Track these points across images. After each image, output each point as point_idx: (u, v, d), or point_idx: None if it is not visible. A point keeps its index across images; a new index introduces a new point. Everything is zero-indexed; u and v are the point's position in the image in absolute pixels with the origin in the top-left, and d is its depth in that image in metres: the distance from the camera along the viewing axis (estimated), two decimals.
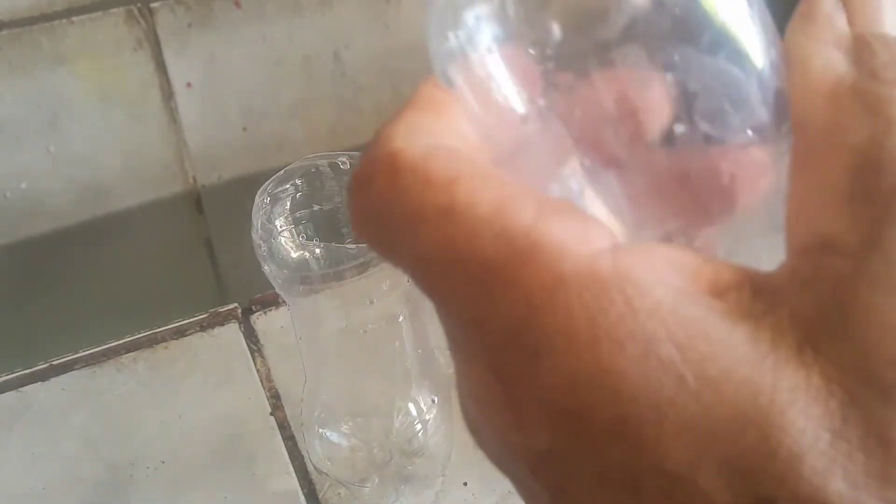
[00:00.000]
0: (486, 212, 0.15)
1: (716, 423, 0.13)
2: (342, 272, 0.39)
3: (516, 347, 0.15)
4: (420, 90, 0.18)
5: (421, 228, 0.15)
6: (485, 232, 0.15)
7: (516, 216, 0.15)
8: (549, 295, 0.14)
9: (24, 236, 0.82)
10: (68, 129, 0.79)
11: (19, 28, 0.74)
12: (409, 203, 0.16)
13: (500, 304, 0.15)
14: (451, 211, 0.15)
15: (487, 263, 0.15)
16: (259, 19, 0.83)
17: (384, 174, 0.16)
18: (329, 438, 0.47)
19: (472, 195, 0.15)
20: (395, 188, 0.16)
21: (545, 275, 0.14)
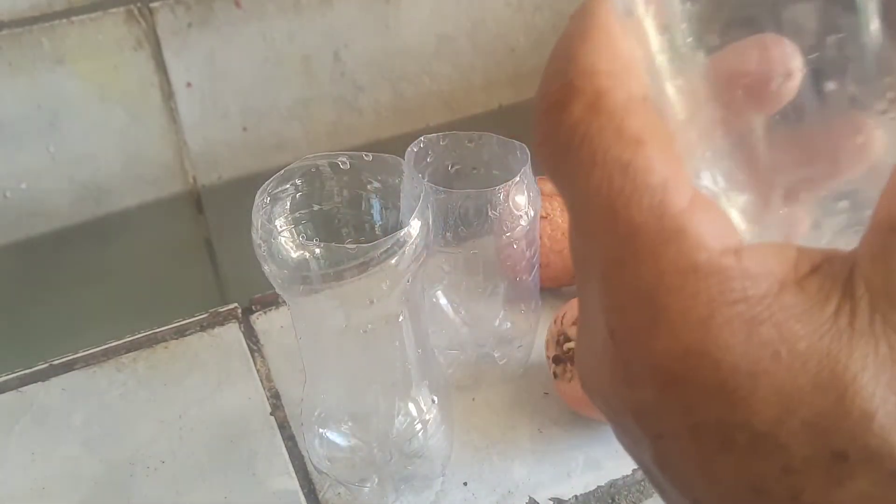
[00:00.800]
0: (654, 183, 0.17)
1: (801, 389, 0.15)
2: (342, 272, 0.39)
3: (636, 312, 0.17)
4: (594, 11, 0.19)
5: (596, 171, 0.17)
6: (646, 200, 0.17)
7: (675, 198, 0.17)
8: (681, 276, 0.16)
9: (24, 236, 0.82)
10: (68, 129, 0.79)
11: (19, 28, 0.74)
12: (597, 144, 0.17)
13: (632, 268, 0.17)
14: (628, 168, 0.17)
15: (636, 228, 0.17)
16: (259, 19, 0.83)
17: (585, 107, 0.18)
18: (329, 438, 0.47)
19: (649, 162, 0.17)
20: (589, 125, 0.17)
21: (682, 257, 0.16)
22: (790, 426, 0.15)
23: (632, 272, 0.17)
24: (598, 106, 0.17)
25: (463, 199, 0.48)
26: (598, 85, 0.18)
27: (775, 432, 0.16)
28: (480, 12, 0.93)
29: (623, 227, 0.17)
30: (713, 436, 0.16)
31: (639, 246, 0.17)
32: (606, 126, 0.17)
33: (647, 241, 0.17)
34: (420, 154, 0.50)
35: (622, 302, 0.17)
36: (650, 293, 0.17)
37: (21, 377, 0.58)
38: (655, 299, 0.16)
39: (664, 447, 0.17)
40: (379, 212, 0.45)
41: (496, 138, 0.51)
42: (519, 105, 1.01)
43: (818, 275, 0.16)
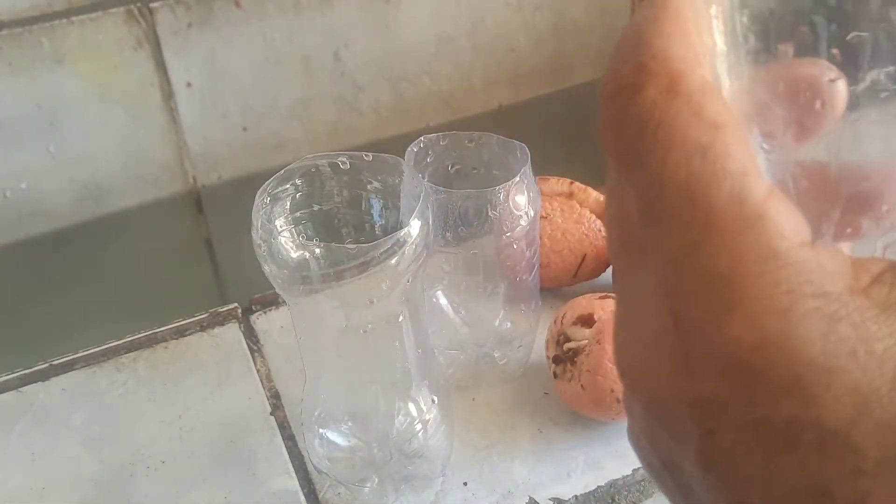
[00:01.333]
0: (734, 168, 0.16)
1: (877, 390, 0.15)
2: (342, 272, 0.39)
3: (709, 297, 0.16)
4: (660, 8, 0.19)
5: (673, 154, 0.17)
6: (726, 184, 0.16)
7: (755, 185, 0.16)
8: (762, 263, 0.16)
9: (24, 236, 0.82)
10: (68, 129, 0.79)
11: (19, 28, 0.74)
12: (675, 126, 0.17)
13: (709, 252, 0.16)
14: (707, 151, 0.17)
15: (716, 212, 0.16)
16: (259, 19, 0.83)
17: (660, 90, 0.17)
18: (329, 438, 0.47)
19: (728, 147, 0.17)
20: (666, 107, 0.17)
21: (763, 244, 0.16)
22: (864, 427, 0.15)
23: (708, 256, 0.16)
24: (674, 89, 0.17)
25: (463, 199, 0.48)
26: (674, 68, 0.17)
27: (847, 432, 0.15)
28: (480, 12, 0.93)
29: (701, 211, 0.16)
30: (779, 432, 0.16)
31: (718, 230, 0.16)
32: (684, 109, 0.17)
33: (726, 225, 0.16)
34: (420, 154, 0.50)
35: (694, 286, 0.16)
36: (727, 278, 0.16)
37: (21, 377, 0.58)
38: (733, 284, 0.16)
39: (714, 443, 0.17)
40: (379, 212, 0.45)
41: (496, 138, 0.51)
42: (519, 105, 1.01)
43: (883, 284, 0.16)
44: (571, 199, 0.61)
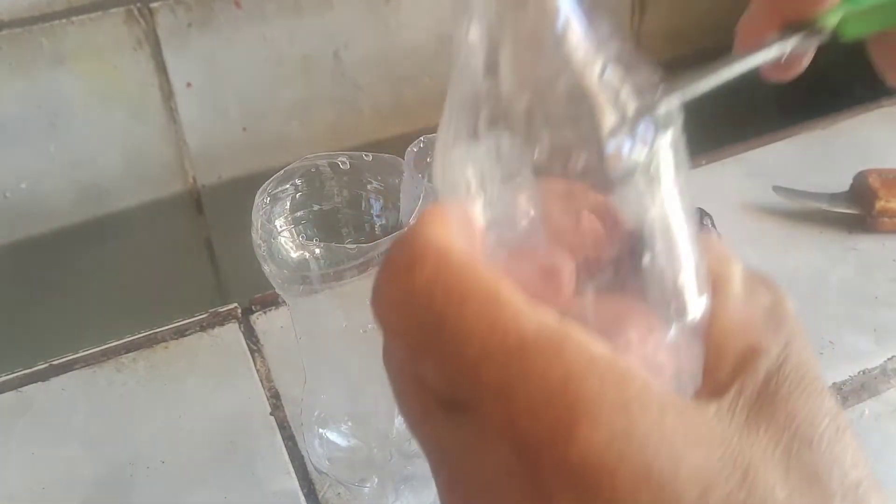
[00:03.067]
0: (525, 304, 0.18)
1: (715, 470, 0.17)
2: (342, 272, 0.39)
3: (550, 411, 0.17)
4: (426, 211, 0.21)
5: (468, 306, 0.18)
6: (528, 315, 0.18)
7: (547, 312, 0.18)
8: (586, 368, 0.17)
9: (24, 236, 0.82)
10: (68, 129, 0.79)
11: (19, 28, 0.74)
12: (456, 287, 0.19)
13: (536, 374, 0.17)
14: (499, 295, 0.18)
15: (529, 341, 0.18)
16: (259, 19, 0.83)
17: (433, 259, 0.19)
18: (329, 438, 0.47)
19: (512, 290, 0.18)
20: (444, 272, 0.19)
21: (583, 353, 0.17)
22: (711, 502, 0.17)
23: (537, 376, 0.17)
24: (445, 255, 0.19)
25: None
26: (439, 241, 0.19)
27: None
28: None
29: (514, 342, 0.18)
30: None
31: (536, 353, 0.18)
32: (461, 269, 0.19)
33: (542, 347, 0.18)
34: (420, 154, 0.50)
35: (530, 409, 0.17)
36: (561, 390, 0.17)
37: (21, 377, 0.58)
38: (569, 394, 0.17)
39: None
40: (379, 212, 0.45)
41: None
42: None
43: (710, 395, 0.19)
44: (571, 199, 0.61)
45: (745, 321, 0.21)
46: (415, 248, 0.19)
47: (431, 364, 0.19)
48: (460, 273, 0.19)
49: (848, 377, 0.56)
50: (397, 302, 0.20)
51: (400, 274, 0.19)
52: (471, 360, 0.18)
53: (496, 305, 0.18)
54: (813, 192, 0.68)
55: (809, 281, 0.63)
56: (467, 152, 0.21)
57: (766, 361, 0.20)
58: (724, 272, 0.22)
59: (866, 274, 0.63)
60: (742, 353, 0.20)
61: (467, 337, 0.18)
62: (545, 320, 0.18)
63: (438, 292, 0.19)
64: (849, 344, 0.58)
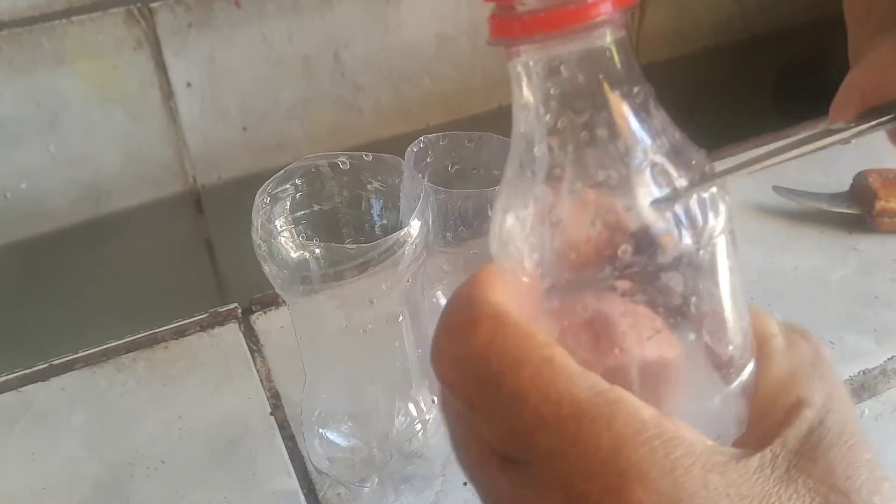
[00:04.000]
0: (578, 369, 0.19)
1: None
2: (342, 272, 0.39)
3: (603, 471, 0.18)
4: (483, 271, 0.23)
5: (524, 370, 0.19)
6: (580, 381, 0.19)
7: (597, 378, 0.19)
8: (637, 434, 0.19)
9: (24, 236, 0.82)
10: (68, 129, 0.79)
11: (19, 28, 0.74)
12: (512, 350, 0.20)
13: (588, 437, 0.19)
14: (552, 361, 0.20)
15: (583, 404, 0.19)
16: (259, 19, 0.83)
17: (490, 322, 0.20)
18: (329, 439, 0.47)
19: (565, 355, 0.20)
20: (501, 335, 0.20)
21: (633, 421, 0.19)
22: None
23: (591, 443, 0.19)
24: (503, 319, 0.20)
25: (463, 199, 0.48)
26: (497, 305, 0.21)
27: None
28: (480, 12, 0.93)
29: (567, 408, 0.19)
30: None
31: (589, 418, 0.19)
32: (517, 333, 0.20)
33: (594, 414, 0.19)
34: (420, 154, 0.50)
35: (585, 468, 0.18)
36: (614, 451, 0.18)
37: (21, 377, 0.58)
38: (620, 456, 0.18)
39: None
40: (379, 212, 0.45)
41: (496, 138, 0.51)
42: None
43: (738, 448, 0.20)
44: None
45: (791, 374, 0.22)
46: (472, 308, 0.21)
47: (487, 422, 0.20)
48: (515, 337, 0.20)
49: (848, 377, 0.56)
50: (455, 360, 0.21)
51: (458, 333, 0.21)
52: (526, 424, 0.19)
53: (550, 371, 0.19)
54: (813, 192, 0.68)
55: (809, 281, 0.63)
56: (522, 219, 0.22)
57: (811, 413, 0.21)
58: (765, 328, 0.23)
59: (866, 274, 0.63)
60: (789, 405, 0.21)
61: (522, 402, 0.19)
62: (597, 386, 0.19)
63: (494, 355, 0.20)
64: (849, 344, 0.58)
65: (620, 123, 0.21)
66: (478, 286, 0.21)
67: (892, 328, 0.59)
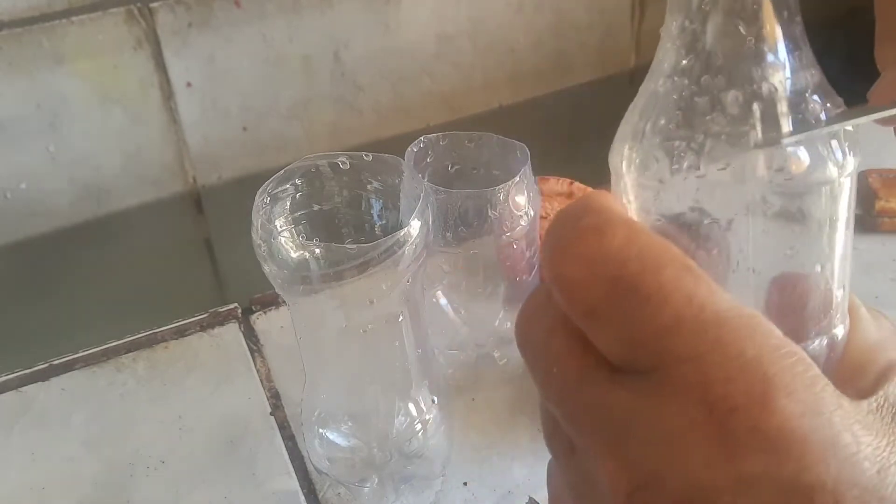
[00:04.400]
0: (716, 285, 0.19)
1: None
2: (342, 272, 0.39)
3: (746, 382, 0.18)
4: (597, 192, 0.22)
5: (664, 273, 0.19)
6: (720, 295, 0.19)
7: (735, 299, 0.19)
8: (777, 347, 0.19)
9: (24, 236, 0.82)
10: (68, 129, 0.79)
11: (19, 28, 0.74)
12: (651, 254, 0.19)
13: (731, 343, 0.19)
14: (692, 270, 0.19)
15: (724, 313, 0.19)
16: (259, 19, 0.83)
17: (625, 226, 0.20)
18: (329, 438, 0.47)
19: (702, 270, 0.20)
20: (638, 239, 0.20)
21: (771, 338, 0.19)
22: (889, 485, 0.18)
23: (733, 348, 0.18)
24: (636, 227, 0.20)
25: (463, 199, 0.48)
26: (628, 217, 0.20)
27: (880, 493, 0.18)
28: (480, 12, 0.93)
29: (710, 314, 0.19)
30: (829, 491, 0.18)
31: (731, 327, 0.19)
32: (653, 240, 0.20)
33: (736, 324, 0.19)
34: (420, 154, 0.50)
35: (727, 373, 0.18)
36: (756, 362, 0.18)
37: (21, 377, 0.58)
38: (762, 366, 0.18)
39: None
40: (379, 212, 0.45)
41: (496, 138, 0.51)
42: (519, 105, 1.01)
43: None
44: (571, 199, 0.61)
45: (881, 340, 0.23)
46: (603, 214, 0.20)
47: (614, 327, 0.20)
48: (653, 243, 0.20)
49: None
50: (586, 263, 0.20)
51: (590, 234, 0.20)
52: (664, 326, 0.19)
53: (693, 279, 0.19)
54: None
55: None
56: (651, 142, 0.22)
57: None
58: (851, 298, 0.24)
59: (866, 274, 0.63)
60: (882, 367, 0.22)
61: (662, 303, 0.19)
62: (735, 303, 0.19)
63: (633, 256, 0.19)
64: None
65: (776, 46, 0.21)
66: (600, 199, 0.21)
67: None
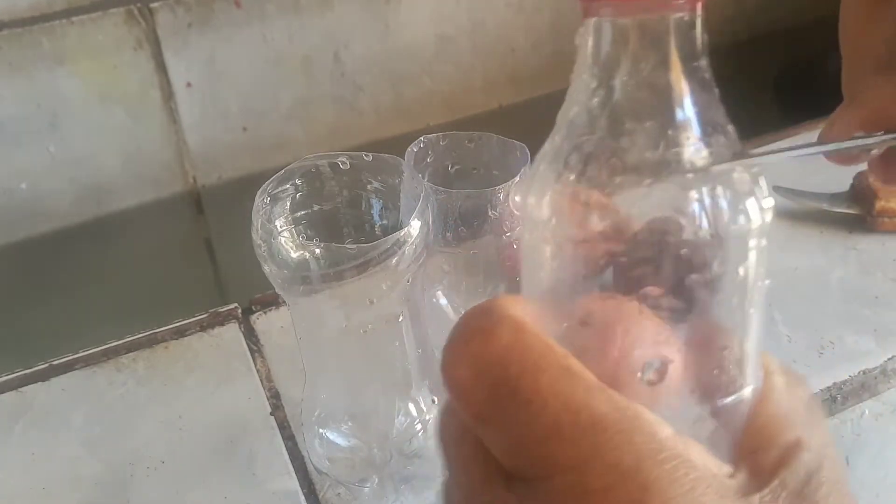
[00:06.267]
0: (596, 382, 0.19)
1: None
2: (342, 272, 0.39)
3: (624, 493, 0.18)
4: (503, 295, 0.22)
5: (543, 377, 0.19)
6: (598, 394, 0.19)
7: (615, 394, 0.19)
8: (657, 451, 0.18)
9: (24, 236, 0.82)
10: (68, 129, 0.79)
11: (19, 28, 0.74)
12: (531, 357, 0.19)
13: (608, 450, 0.18)
14: (571, 371, 0.19)
15: (602, 417, 0.19)
16: (259, 19, 0.83)
17: (510, 328, 0.20)
18: (329, 439, 0.47)
19: (582, 368, 0.19)
20: (521, 342, 0.20)
21: (652, 438, 0.19)
22: None
23: (611, 456, 0.18)
24: (522, 328, 0.20)
25: (463, 199, 0.48)
26: (515, 315, 0.20)
27: None
28: (480, 12, 0.93)
29: (587, 419, 0.19)
30: None
31: (610, 433, 0.18)
32: (536, 343, 0.20)
33: (614, 428, 0.18)
34: (420, 154, 0.50)
35: (608, 481, 0.18)
36: (635, 470, 0.18)
37: (21, 377, 0.58)
38: (640, 474, 0.18)
39: None
40: (379, 212, 0.45)
41: (496, 138, 0.51)
42: (519, 105, 1.01)
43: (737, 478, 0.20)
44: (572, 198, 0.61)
45: (791, 412, 0.22)
46: (493, 316, 0.20)
47: (499, 432, 0.20)
48: (535, 345, 0.20)
49: (848, 377, 0.56)
50: (471, 365, 0.20)
51: (476, 338, 0.20)
52: (543, 433, 0.19)
53: (569, 380, 0.19)
54: (813, 192, 0.68)
55: (809, 281, 0.63)
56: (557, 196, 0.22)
57: (808, 458, 0.21)
58: (767, 364, 0.23)
59: (866, 274, 0.63)
60: (787, 443, 0.21)
61: (540, 409, 0.19)
62: (615, 401, 0.19)
63: (514, 360, 0.19)
64: (849, 344, 0.58)
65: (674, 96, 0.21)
66: (496, 302, 0.21)
67: (892, 328, 0.59)
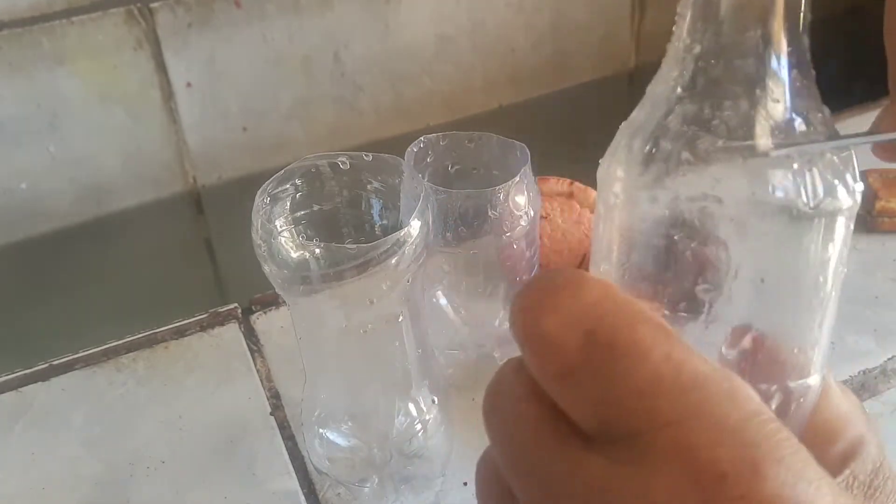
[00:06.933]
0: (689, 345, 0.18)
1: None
2: (342, 272, 0.39)
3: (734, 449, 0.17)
4: None
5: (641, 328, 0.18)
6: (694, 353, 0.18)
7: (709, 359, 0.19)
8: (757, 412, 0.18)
9: (24, 236, 0.82)
10: (68, 129, 0.79)
11: (19, 28, 0.74)
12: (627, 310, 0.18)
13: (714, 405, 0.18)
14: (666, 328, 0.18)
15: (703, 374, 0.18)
16: (259, 19, 0.83)
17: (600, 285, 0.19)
18: (329, 439, 0.47)
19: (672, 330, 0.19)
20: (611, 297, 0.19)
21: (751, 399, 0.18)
22: None
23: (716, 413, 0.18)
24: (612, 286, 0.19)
25: (463, 199, 0.48)
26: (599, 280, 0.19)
27: None
28: (480, 12, 0.93)
29: (688, 375, 0.18)
30: None
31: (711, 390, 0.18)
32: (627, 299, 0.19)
33: (717, 388, 0.18)
34: (420, 154, 0.50)
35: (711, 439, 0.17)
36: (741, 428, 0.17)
37: (21, 377, 0.58)
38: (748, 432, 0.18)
39: None
40: (379, 212, 0.45)
41: (496, 138, 0.51)
42: (519, 105, 1.01)
43: None
44: (571, 199, 0.61)
45: (849, 412, 0.23)
46: (577, 274, 0.19)
47: (590, 386, 0.18)
48: (629, 300, 0.19)
49: (848, 377, 0.56)
50: (562, 316, 0.19)
51: (565, 290, 0.19)
52: (642, 386, 0.18)
53: (668, 338, 0.18)
54: None
55: None
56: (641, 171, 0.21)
57: (872, 454, 0.21)
58: None
59: (866, 274, 0.63)
60: (849, 442, 0.22)
61: (640, 361, 0.18)
62: (710, 362, 0.18)
63: (610, 311, 0.18)
64: (849, 344, 0.58)
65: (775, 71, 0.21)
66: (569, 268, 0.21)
67: (892, 328, 0.59)
